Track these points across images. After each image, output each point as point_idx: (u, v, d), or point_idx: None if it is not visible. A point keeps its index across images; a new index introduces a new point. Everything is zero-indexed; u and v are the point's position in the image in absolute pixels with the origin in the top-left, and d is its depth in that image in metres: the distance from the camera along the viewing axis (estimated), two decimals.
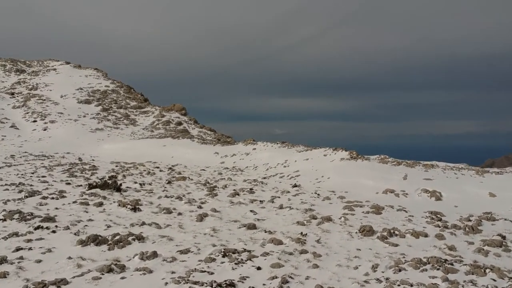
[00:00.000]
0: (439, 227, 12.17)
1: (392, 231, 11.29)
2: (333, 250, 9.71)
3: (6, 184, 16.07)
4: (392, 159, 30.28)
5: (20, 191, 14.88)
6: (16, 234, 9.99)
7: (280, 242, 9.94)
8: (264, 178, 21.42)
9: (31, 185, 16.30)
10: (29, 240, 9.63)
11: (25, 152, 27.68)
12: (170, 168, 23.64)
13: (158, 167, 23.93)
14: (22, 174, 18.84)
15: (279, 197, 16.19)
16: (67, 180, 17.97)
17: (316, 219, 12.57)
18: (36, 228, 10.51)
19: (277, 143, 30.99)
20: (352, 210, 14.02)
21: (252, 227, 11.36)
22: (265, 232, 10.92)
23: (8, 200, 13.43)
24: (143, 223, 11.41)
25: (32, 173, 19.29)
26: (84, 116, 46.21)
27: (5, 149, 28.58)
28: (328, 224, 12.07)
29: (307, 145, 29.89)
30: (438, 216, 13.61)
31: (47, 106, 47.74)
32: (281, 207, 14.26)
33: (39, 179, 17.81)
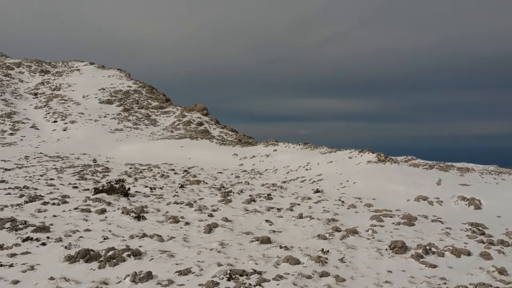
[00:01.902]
0: (483, 243, 10.53)
1: (428, 247, 9.72)
2: (359, 272, 8.23)
3: (9, 188, 15.20)
4: (422, 161, 28.44)
5: (21, 196, 13.95)
6: (0, 247, 8.91)
7: (297, 262, 8.52)
8: (284, 182, 20.01)
9: (35, 189, 15.40)
10: (13, 255, 8.52)
11: (41, 153, 27.10)
12: (185, 171, 22.51)
13: (173, 170, 22.82)
14: (30, 177, 18.03)
15: (299, 205, 14.76)
16: (75, 184, 17.03)
17: (339, 231, 11.09)
18: (24, 240, 9.42)
19: (299, 144, 29.53)
20: (380, 221, 12.47)
21: (266, 241, 9.98)
22: (281, 247, 9.51)
23: (6, 206, 12.50)
24: (144, 235, 10.19)
25: (41, 176, 18.46)
26: (105, 117, 45.79)
27: (21, 150, 28.08)
28: (354, 238, 10.58)
29: (331, 147, 28.35)
30: (480, 228, 11.94)
31: (68, 106, 47.57)
32: (300, 216, 12.82)
33: (46, 182, 16.93)
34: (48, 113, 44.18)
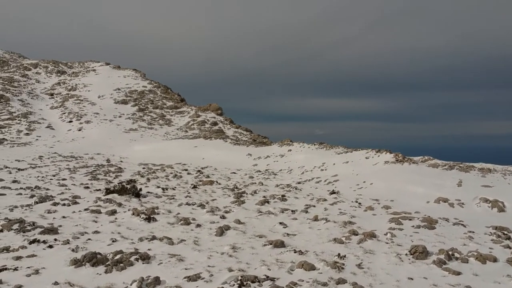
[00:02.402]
0: (510, 248, 9.94)
1: (450, 253, 9.19)
2: (378, 279, 7.76)
3: (21, 188, 15.07)
4: (441, 161, 27.67)
5: (32, 196, 13.78)
6: (6, 250, 8.67)
7: (312, 267, 8.09)
8: (299, 183, 19.56)
9: (47, 189, 15.25)
10: (19, 258, 8.25)
11: (55, 153, 27.11)
12: (198, 171, 22.23)
13: (186, 170, 22.57)
14: (42, 177, 17.91)
15: (314, 206, 14.31)
16: (87, 184, 16.86)
17: (357, 235, 10.62)
18: (31, 242, 9.15)
19: (315, 144, 29.02)
20: (399, 224, 11.95)
21: (279, 244, 9.57)
22: (295, 252, 9.08)
23: (16, 206, 12.32)
24: (154, 238, 9.87)
25: (53, 176, 18.34)
26: (120, 117, 45.89)
27: (36, 150, 28.13)
28: (372, 242, 10.10)
29: (347, 147, 27.77)
30: (505, 233, 11.33)
31: (84, 106, 47.82)
32: (316, 219, 12.37)
33: (58, 182, 16.79)
34: (64, 113, 44.44)
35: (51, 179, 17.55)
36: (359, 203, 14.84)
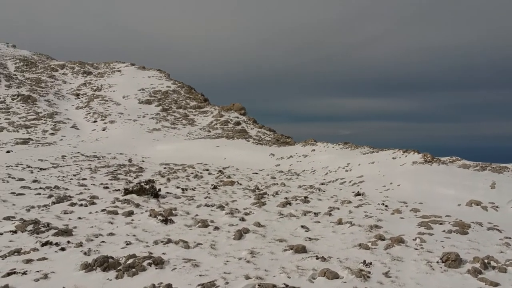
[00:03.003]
0: None
1: (486, 261, 8.46)
2: None
3: (40, 188, 14.99)
4: (472, 162, 26.51)
5: (50, 196, 13.63)
6: (18, 252, 8.42)
7: (335, 276, 7.52)
8: (322, 184, 18.92)
9: (66, 189, 15.12)
10: (29, 261, 7.98)
11: (78, 152, 27.21)
12: (220, 171, 21.83)
13: (207, 170, 22.21)
14: (63, 177, 17.85)
15: (338, 209, 13.68)
16: (107, 184, 16.68)
17: (383, 240, 9.98)
18: (43, 244, 8.89)
19: (339, 144, 28.26)
20: (429, 228, 11.22)
21: (301, 250, 9.02)
22: (317, 258, 8.52)
23: (33, 207, 12.16)
24: (169, 241, 9.47)
25: (74, 175, 18.27)
26: (144, 116, 46.02)
27: (60, 150, 28.29)
28: (400, 248, 9.44)
29: (373, 147, 26.91)
30: None
31: (108, 106, 48.16)
32: (340, 222, 11.75)
33: (78, 182, 16.67)
34: (89, 113, 44.85)
35: (71, 179, 17.46)
36: (386, 206, 14.14)
